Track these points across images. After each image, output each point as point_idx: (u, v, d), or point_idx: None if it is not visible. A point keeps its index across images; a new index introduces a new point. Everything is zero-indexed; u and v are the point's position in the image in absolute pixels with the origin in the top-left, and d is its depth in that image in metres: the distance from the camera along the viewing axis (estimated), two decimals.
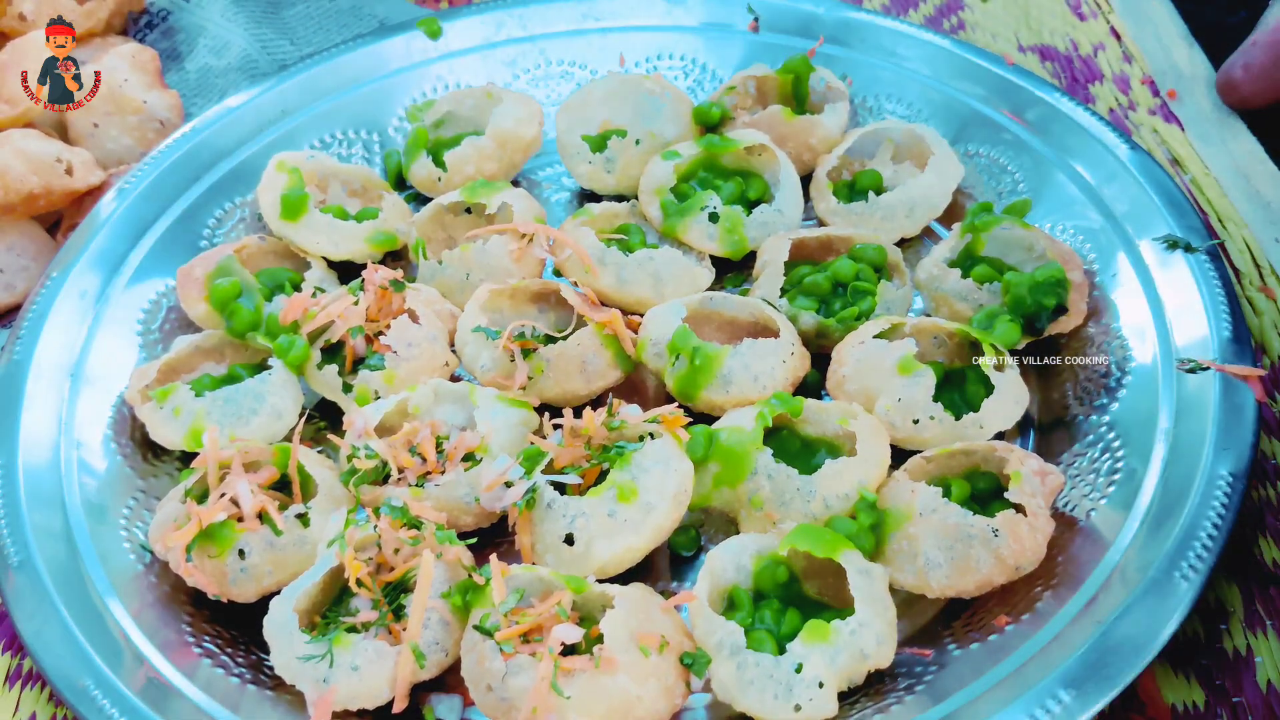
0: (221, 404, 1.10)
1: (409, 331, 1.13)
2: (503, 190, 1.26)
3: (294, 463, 1.05)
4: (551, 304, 1.20)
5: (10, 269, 1.31)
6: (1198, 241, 1.12)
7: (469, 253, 1.21)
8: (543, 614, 0.89)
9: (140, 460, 1.14)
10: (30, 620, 0.98)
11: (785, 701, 0.85)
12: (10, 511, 1.05)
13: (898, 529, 0.95)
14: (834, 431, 1.03)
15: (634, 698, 0.86)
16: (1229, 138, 1.35)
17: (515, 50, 1.48)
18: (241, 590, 1.00)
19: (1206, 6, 1.54)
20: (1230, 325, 1.05)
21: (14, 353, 1.17)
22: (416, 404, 1.09)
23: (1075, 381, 1.11)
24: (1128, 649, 0.86)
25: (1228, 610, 0.97)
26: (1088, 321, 1.13)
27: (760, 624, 0.92)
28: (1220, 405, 0.99)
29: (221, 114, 1.39)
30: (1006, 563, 0.92)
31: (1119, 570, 0.91)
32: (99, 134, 1.42)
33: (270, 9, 1.63)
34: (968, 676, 0.89)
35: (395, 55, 1.46)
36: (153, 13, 1.64)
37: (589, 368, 1.11)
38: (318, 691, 0.90)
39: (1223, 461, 0.95)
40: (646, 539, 0.96)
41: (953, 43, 1.37)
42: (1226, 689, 0.93)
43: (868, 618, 0.88)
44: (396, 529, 0.96)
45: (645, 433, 1.00)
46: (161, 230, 1.30)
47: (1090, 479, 1.01)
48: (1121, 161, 1.20)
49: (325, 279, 1.25)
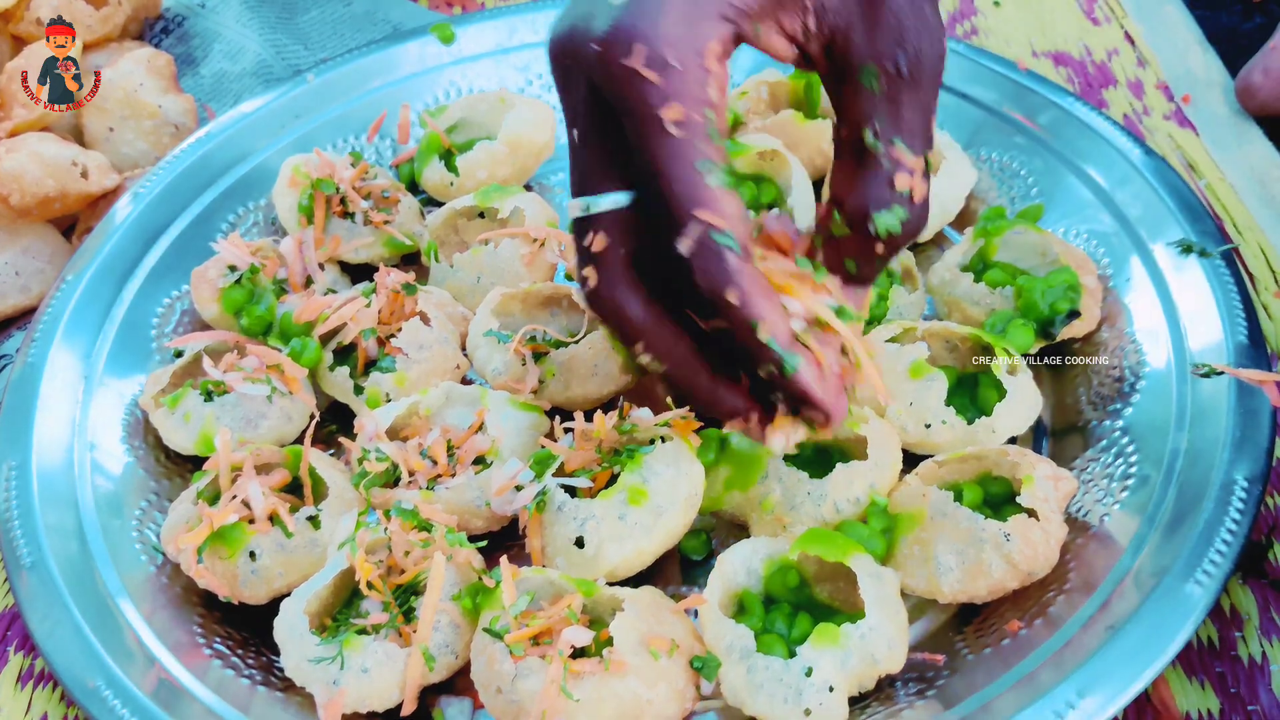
0: (231, 408, 1.11)
1: (420, 334, 1.13)
2: (515, 195, 1.26)
3: (305, 465, 1.05)
4: (563, 308, 1.20)
5: (26, 272, 1.32)
6: (1212, 246, 1.11)
7: (480, 256, 1.21)
8: (553, 617, 0.89)
9: (153, 462, 1.14)
10: (43, 621, 0.98)
11: (795, 705, 0.85)
12: (24, 512, 1.05)
13: (909, 533, 0.95)
14: (845, 435, 1.03)
15: (644, 701, 0.86)
16: (1244, 143, 1.35)
17: (528, 55, 1.48)
18: (252, 592, 1.00)
19: (1221, 12, 1.53)
20: (1245, 330, 1.05)
21: (29, 355, 1.18)
22: (428, 407, 1.09)
23: (1089, 386, 1.10)
24: (1141, 655, 0.85)
25: (1242, 617, 0.97)
26: (1101, 326, 1.12)
27: (771, 628, 0.92)
28: (1235, 410, 0.99)
29: (236, 119, 1.40)
30: (1019, 567, 0.92)
31: (1132, 575, 0.91)
32: (114, 138, 1.43)
33: (285, 14, 1.64)
34: (979, 681, 0.88)
35: (409, 60, 1.47)
36: (168, 18, 1.65)
37: (600, 371, 1.11)
38: (328, 694, 0.90)
39: (1238, 467, 0.95)
40: (657, 542, 0.96)
41: (965, 48, 1.36)
42: (1241, 696, 0.92)
43: (878, 622, 0.88)
44: (407, 531, 0.96)
45: (656, 436, 1.00)
46: (176, 234, 1.31)
47: (1104, 484, 1.01)
48: (1135, 166, 1.20)
49: (338, 281, 1.25)
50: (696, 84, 0.77)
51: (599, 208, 0.83)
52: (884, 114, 0.82)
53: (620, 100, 0.78)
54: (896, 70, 0.82)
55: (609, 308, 0.85)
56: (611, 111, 0.79)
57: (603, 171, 0.83)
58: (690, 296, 0.80)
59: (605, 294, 0.84)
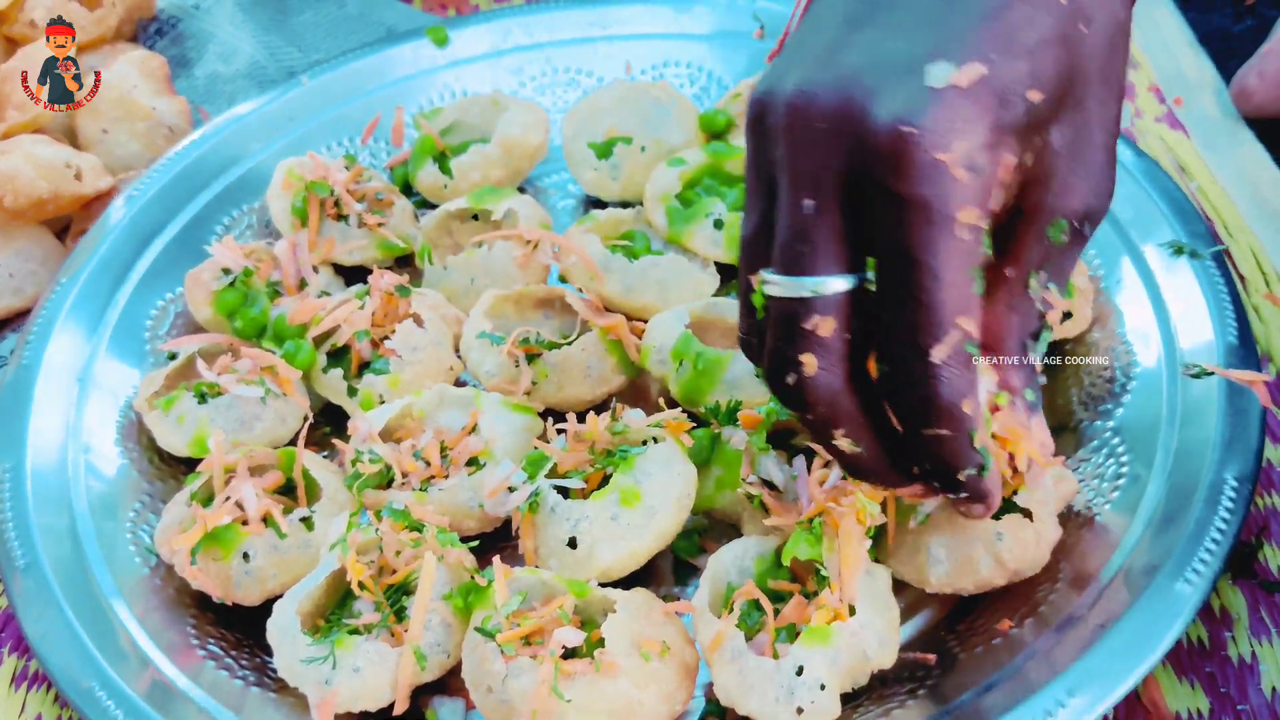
0: (225, 410, 1.11)
1: (414, 336, 1.13)
2: (509, 196, 1.26)
3: (299, 467, 1.05)
4: (556, 310, 1.20)
5: (19, 274, 1.32)
6: (1203, 248, 1.12)
7: (474, 258, 1.21)
8: (545, 617, 0.89)
9: (147, 464, 1.15)
10: (36, 622, 0.98)
11: (787, 704, 0.85)
12: (18, 514, 1.06)
13: (903, 522, 0.95)
14: None
15: (635, 702, 0.86)
16: (1235, 145, 1.35)
17: (522, 58, 1.49)
18: (246, 593, 1.00)
19: (1213, 14, 1.54)
20: (1235, 331, 1.05)
21: (23, 357, 1.18)
22: (421, 409, 1.09)
23: (1080, 387, 1.11)
24: (1131, 654, 0.85)
25: (1232, 616, 0.97)
26: (1092, 327, 1.13)
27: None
28: (1225, 411, 0.99)
29: (230, 121, 1.40)
30: (1007, 566, 0.92)
31: (1123, 575, 0.91)
32: (108, 140, 1.43)
33: (279, 16, 1.65)
34: (971, 680, 0.88)
35: (403, 63, 1.47)
36: (162, 20, 1.65)
37: (593, 373, 1.11)
38: (320, 694, 0.90)
39: (1228, 467, 0.95)
40: (649, 543, 0.96)
41: None
42: (1231, 696, 0.93)
43: (869, 618, 0.88)
44: (398, 532, 0.96)
45: (648, 437, 1.01)
46: (170, 236, 1.31)
47: (1095, 484, 1.01)
48: (1126, 168, 1.20)
49: (331, 283, 1.25)
50: (988, 193, 0.73)
51: (830, 289, 0.76)
52: (1054, 263, 0.81)
53: (912, 190, 0.71)
54: (1081, 226, 0.80)
55: (828, 398, 0.78)
56: (863, 191, 0.74)
57: (836, 250, 0.76)
58: (908, 400, 0.76)
59: (827, 384, 0.77)
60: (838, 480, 0.92)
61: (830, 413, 0.79)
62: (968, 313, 0.74)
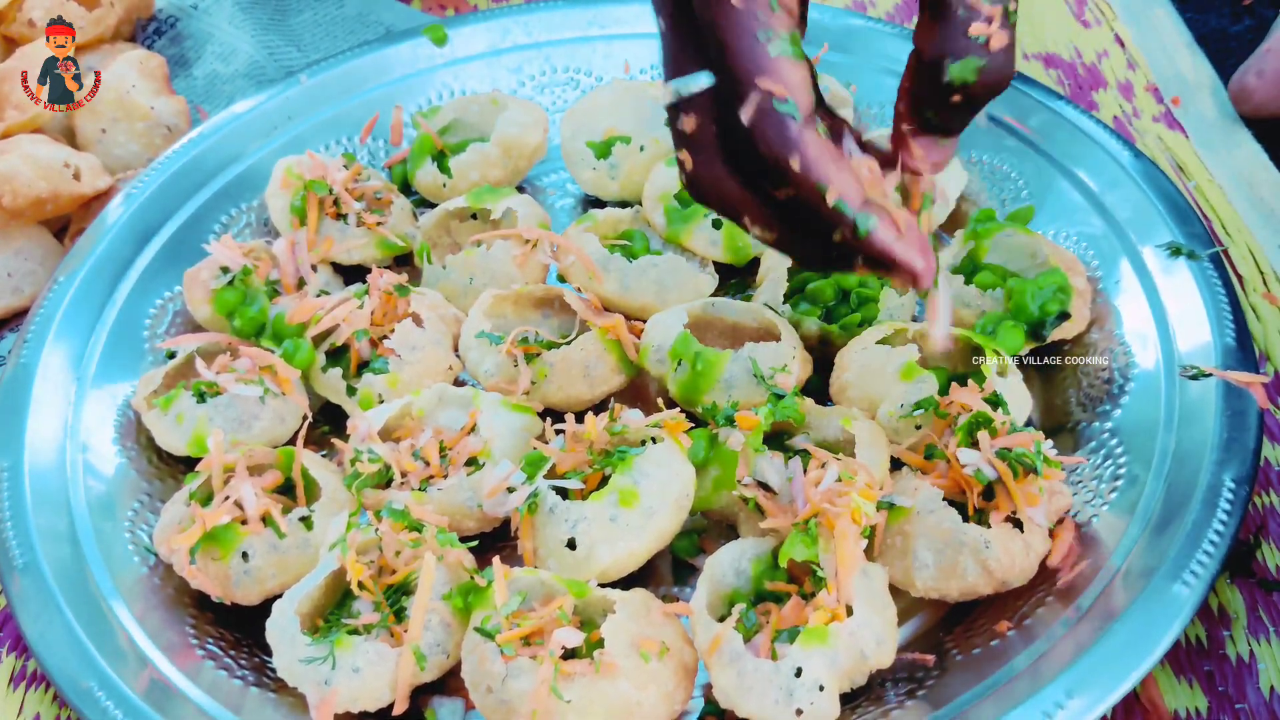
0: (223, 409, 1.11)
1: (413, 335, 1.13)
2: (507, 196, 1.26)
3: (298, 466, 1.05)
4: (555, 309, 1.20)
5: (18, 273, 1.32)
6: (1201, 249, 1.12)
7: (472, 257, 1.21)
8: (544, 617, 0.90)
9: (146, 464, 1.15)
10: (35, 622, 0.98)
11: (786, 706, 0.85)
12: (16, 514, 1.05)
13: (894, 523, 0.95)
14: (835, 435, 1.03)
15: (633, 703, 0.86)
16: (1233, 145, 1.35)
17: (521, 57, 1.49)
18: (245, 593, 1.00)
19: (1210, 14, 1.54)
20: (1233, 332, 1.05)
21: (21, 356, 1.18)
22: (420, 408, 1.09)
23: (1078, 388, 1.11)
24: (1130, 654, 0.85)
25: (1230, 616, 0.97)
26: (1091, 328, 1.13)
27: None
28: (1223, 411, 0.99)
29: (229, 120, 1.40)
30: (994, 575, 0.92)
31: (1121, 575, 0.91)
32: (106, 139, 1.43)
33: (278, 16, 1.64)
34: (969, 681, 0.89)
35: (401, 62, 1.47)
36: (161, 19, 1.65)
37: (592, 373, 1.11)
38: (319, 694, 0.91)
39: (1226, 467, 0.95)
40: (648, 543, 0.97)
41: None
42: (1229, 695, 0.93)
43: (867, 618, 0.88)
44: (398, 532, 0.96)
45: (647, 438, 1.01)
46: (168, 235, 1.31)
47: (1093, 485, 1.01)
48: (1124, 168, 1.20)
49: (330, 282, 1.25)
50: None
51: (687, 89, 0.84)
52: None
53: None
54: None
55: (706, 184, 0.85)
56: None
57: (687, 54, 0.84)
58: (758, 166, 0.81)
59: (703, 171, 0.85)
60: (833, 482, 0.92)
61: (719, 201, 0.86)
62: (764, 73, 0.78)
